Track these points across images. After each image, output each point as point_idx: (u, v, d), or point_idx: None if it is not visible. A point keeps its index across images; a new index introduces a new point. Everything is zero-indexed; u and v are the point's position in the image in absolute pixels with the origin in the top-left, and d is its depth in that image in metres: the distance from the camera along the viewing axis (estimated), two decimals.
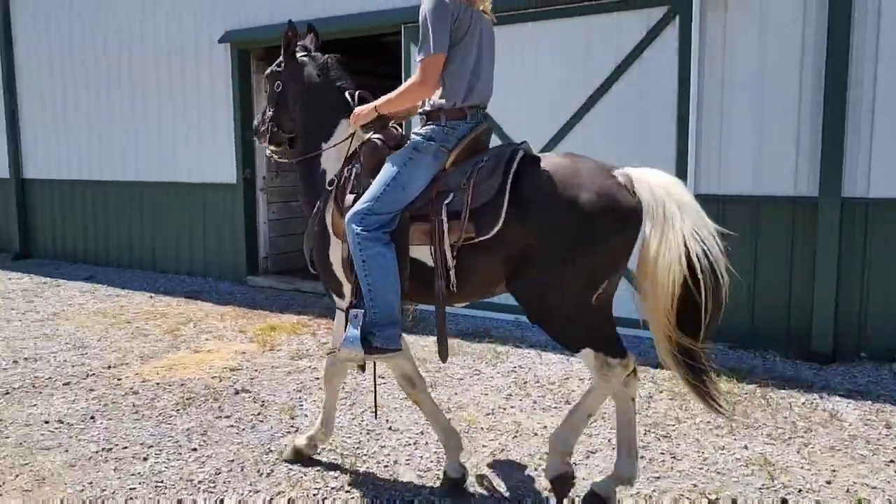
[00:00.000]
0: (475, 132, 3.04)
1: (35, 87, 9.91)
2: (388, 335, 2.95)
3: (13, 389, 4.66)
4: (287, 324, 6.24)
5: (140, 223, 9.03)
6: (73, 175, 9.64)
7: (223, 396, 4.51)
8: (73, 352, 5.52)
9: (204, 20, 8.08)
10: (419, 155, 2.97)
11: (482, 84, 3.03)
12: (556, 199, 2.73)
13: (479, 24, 2.97)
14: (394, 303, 2.94)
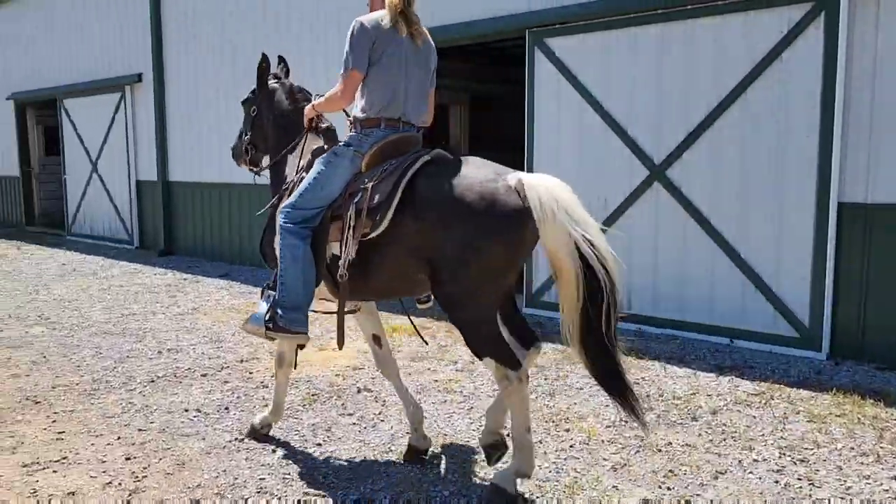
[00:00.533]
0: (388, 139, 3.35)
1: (178, 94, 10.64)
2: (292, 318, 3.33)
3: (157, 378, 5.01)
4: (407, 326, 6.35)
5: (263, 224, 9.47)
6: (212, 178, 10.27)
7: (346, 394, 4.64)
8: (210, 345, 5.86)
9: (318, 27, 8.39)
10: (337, 159, 3.38)
11: (402, 100, 3.36)
12: (445, 201, 2.95)
13: (401, 48, 3.33)
14: (300, 290, 3.30)
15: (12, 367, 5.31)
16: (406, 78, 3.38)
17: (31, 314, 7.01)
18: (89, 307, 7.32)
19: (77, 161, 12.93)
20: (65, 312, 7.08)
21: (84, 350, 5.72)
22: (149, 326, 6.48)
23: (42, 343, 5.94)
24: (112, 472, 3.53)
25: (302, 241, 3.31)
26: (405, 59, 3.37)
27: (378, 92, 3.34)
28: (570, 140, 6.45)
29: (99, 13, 12.01)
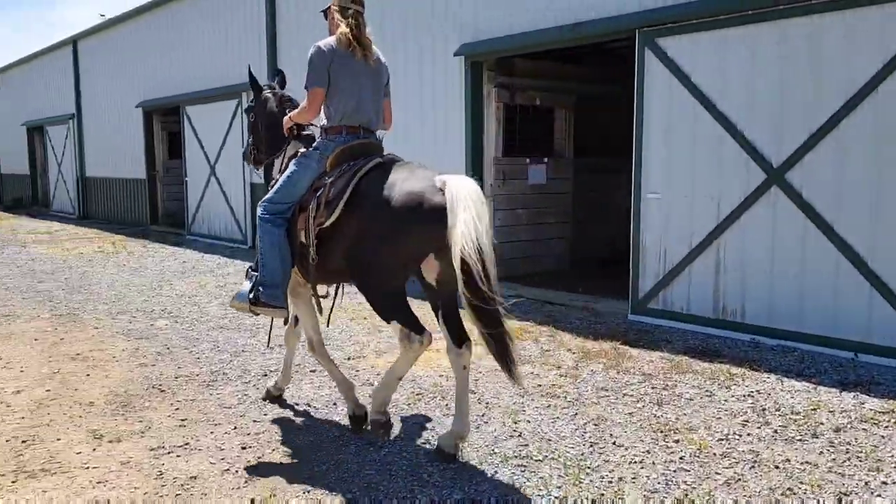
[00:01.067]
0: (348, 144, 3.93)
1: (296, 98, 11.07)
2: (270, 294, 3.92)
3: (269, 372, 5.22)
4: (510, 328, 6.33)
5: None
6: None
7: (450, 395, 4.67)
8: None
9: (440, 36, 8.50)
10: (307, 160, 4.00)
11: (360, 110, 3.98)
12: (379, 197, 3.53)
13: (355, 67, 3.94)
14: (277, 271, 3.91)
15: (140, 356, 5.68)
16: (361, 92, 3.98)
17: (156, 308, 7.48)
18: (207, 303, 7.72)
19: (197, 164, 13.70)
20: (185, 307, 7.50)
21: (203, 343, 6.05)
22: (261, 323, 6.77)
23: (166, 335, 6.32)
24: (229, 460, 3.71)
25: (278, 230, 3.94)
26: (360, 77, 3.97)
27: (339, 104, 3.96)
28: (682, 142, 6.25)
29: (218, 25, 12.68)
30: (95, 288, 8.59)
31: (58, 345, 6.04)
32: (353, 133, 4.00)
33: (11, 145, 25.18)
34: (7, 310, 7.43)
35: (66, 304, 7.69)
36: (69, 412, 4.43)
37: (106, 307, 7.54)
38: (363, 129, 4.03)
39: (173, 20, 14.22)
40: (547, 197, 9.06)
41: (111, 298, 7.98)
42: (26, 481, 3.50)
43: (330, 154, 3.95)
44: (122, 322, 6.86)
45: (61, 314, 7.21)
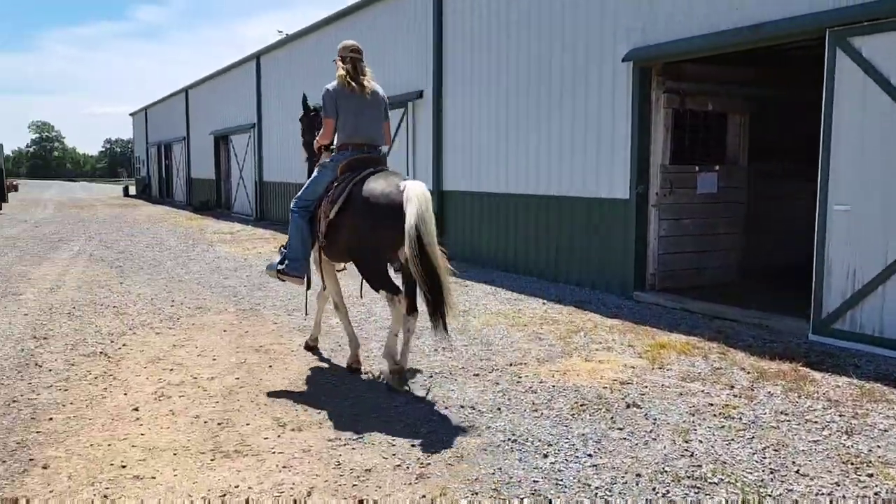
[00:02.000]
0: (353, 157, 5.31)
1: (455, 108, 11.35)
2: (292, 266, 5.41)
3: (435, 374, 5.38)
4: (676, 343, 6.12)
5: (535, 234, 9.71)
6: (480, 187, 10.79)
7: (615, 408, 4.58)
8: (481, 346, 6.16)
9: (609, 42, 8.37)
10: (325, 169, 5.40)
11: (360, 131, 5.39)
12: (362, 197, 4.95)
13: (355, 101, 5.36)
14: (299, 249, 5.40)
15: (317, 351, 6.04)
16: (359, 118, 5.39)
17: (328, 307, 7.91)
18: (372, 303, 8.06)
19: None
20: (353, 307, 7.87)
21: (371, 342, 6.33)
22: (424, 325, 6.97)
23: (337, 333, 6.68)
24: (401, 456, 3.86)
25: (301, 219, 5.42)
26: (358, 107, 5.40)
27: (343, 129, 5.41)
28: (877, 150, 5.73)
29: (385, 39, 13.25)
30: (272, 286, 9.23)
31: (243, 337, 6.57)
32: (358, 149, 5.38)
33: (201, 153, 27.81)
34: (200, 302, 8.18)
35: (249, 300, 8.33)
36: (256, 399, 4.80)
37: (283, 304, 8.09)
38: (367, 145, 5.42)
39: (348, 35, 15.03)
40: (717, 206, 8.64)
41: (286, 296, 8.54)
42: (222, 460, 3.84)
43: (339, 164, 5.36)
44: (298, 319, 7.32)
45: (244, 309, 7.82)
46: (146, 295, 8.68)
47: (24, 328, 6.89)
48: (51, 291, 8.91)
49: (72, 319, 7.29)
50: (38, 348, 6.15)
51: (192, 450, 3.96)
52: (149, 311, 7.75)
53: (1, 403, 4.74)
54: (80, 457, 3.89)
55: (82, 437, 4.15)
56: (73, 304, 8.10)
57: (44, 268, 11.03)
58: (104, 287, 9.24)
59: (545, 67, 9.38)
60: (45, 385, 5.12)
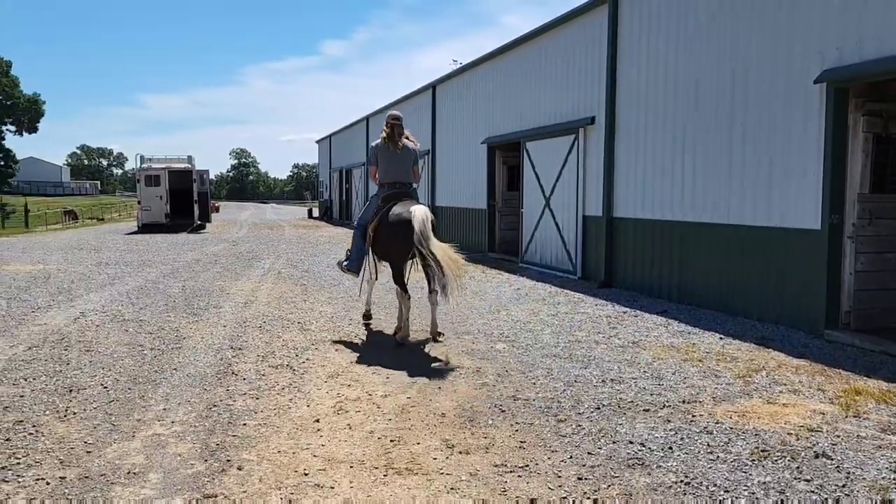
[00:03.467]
0: (389, 192, 7.68)
1: (627, 134, 11.13)
2: (351, 264, 7.92)
3: (602, 406, 5.27)
4: (875, 390, 5.56)
5: (712, 264, 9.25)
6: (653, 215, 10.46)
7: (801, 457, 4.25)
8: (651, 381, 5.95)
9: (798, 61, 7.86)
10: (373, 199, 7.89)
11: (390, 173, 7.77)
12: (387, 220, 7.32)
13: (389, 152, 7.81)
14: (356, 253, 7.93)
15: (482, 376, 6.15)
16: (391, 165, 7.80)
17: (495, 331, 8.03)
18: (540, 330, 8.07)
19: (532, 196, 14.48)
20: (521, 333, 7.94)
21: (538, 369, 6.34)
22: (593, 355, 6.88)
23: (504, 358, 6.76)
24: (567, 488, 3.83)
25: (359, 233, 7.94)
26: (391, 158, 7.79)
27: (381, 172, 7.81)
28: None
29: (558, 67, 13.31)
30: (442, 308, 9.50)
31: (416, 358, 6.82)
32: (391, 186, 7.77)
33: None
34: (375, 322, 8.60)
35: (420, 321, 8.64)
36: (426, 420, 4.96)
37: (452, 326, 8.31)
38: (399, 183, 7.78)
39: (518, 63, 15.29)
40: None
41: (456, 319, 8.76)
42: (394, 477, 4.01)
43: (381, 196, 7.79)
44: (466, 342, 7.49)
45: (416, 330, 8.11)
46: (327, 313, 9.26)
47: (223, 339, 7.61)
48: (245, 306, 9.77)
49: (262, 333, 7.94)
50: (234, 358, 6.76)
51: (366, 464, 4.18)
52: (329, 328, 8.27)
53: (204, 407, 5.27)
54: (269, 462, 4.23)
55: (271, 444, 4.51)
56: (263, 318, 8.83)
57: (240, 283, 12.12)
58: (290, 303, 9.99)
59: (726, 89, 8.97)
60: (240, 392, 5.63)
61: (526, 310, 9.45)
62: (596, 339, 7.63)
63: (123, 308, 9.58)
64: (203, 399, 5.47)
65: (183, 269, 14.55)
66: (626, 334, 7.84)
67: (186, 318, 8.88)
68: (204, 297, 10.58)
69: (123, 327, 8.26)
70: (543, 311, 9.38)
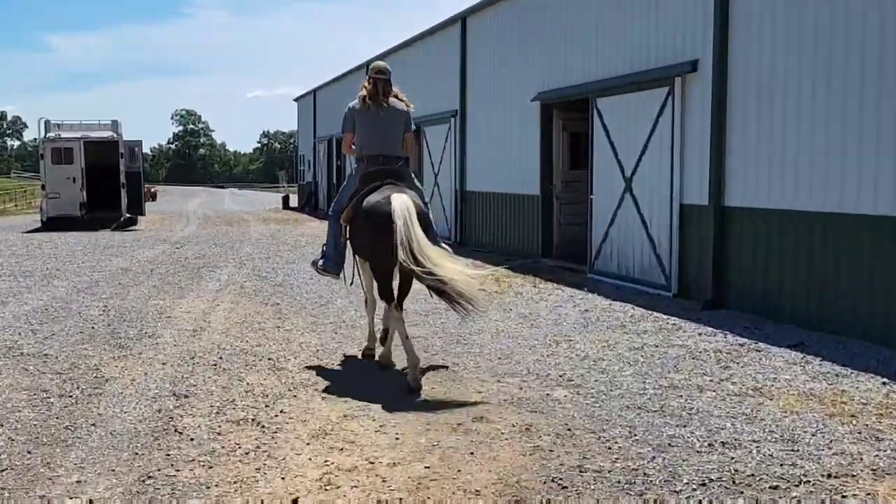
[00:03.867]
0: (368, 170, 8.33)
1: (746, 86, 11.06)
2: (326, 264, 8.93)
3: (710, 481, 5.26)
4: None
5: (871, 274, 9.16)
6: (788, 204, 10.40)
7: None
8: (782, 444, 5.94)
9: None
10: (350, 180, 8.78)
11: (373, 144, 8.46)
12: (362, 209, 7.99)
13: (371, 115, 8.47)
14: (332, 249, 8.89)
15: (533, 436, 6.18)
16: (374, 133, 8.45)
17: (552, 372, 8.05)
18: (618, 370, 8.08)
19: (607, 177, 14.50)
20: (590, 374, 7.95)
21: (615, 427, 6.35)
22: (695, 406, 6.86)
23: (566, 411, 6.77)
24: None
25: (334, 222, 8.72)
26: (373, 123, 8.43)
27: (359, 142, 8.53)
28: None
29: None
30: (477, 338, 9.55)
31: (436, 408, 6.86)
32: (373, 161, 8.41)
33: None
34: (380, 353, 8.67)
35: (444, 356, 8.68)
36: (451, 499, 4.99)
37: (490, 365, 8.34)
38: (383, 157, 8.42)
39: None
40: None
41: (496, 353, 8.80)
42: None
43: (357, 176, 8.52)
44: (511, 387, 7.52)
45: (439, 369, 8.15)
46: (310, 344, 9.37)
47: (162, 382, 7.72)
48: (193, 335, 9.92)
49: (218, 373, 8.05)
50: (178, 409, 6.86)
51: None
52: (314, 366, 8.37)
53: (135, 479, 5.35)
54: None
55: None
56: (219, 351, 8.95)
57: (186, 303, 12.31)
58: (258, 331, 10.12)
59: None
60: (185, 459, 5.70)
61: (597, 341, 9.48)
62: (700, 383, 7.62)
63: (21, 338, 9.77)
64: (133, 468, 5.54)
65: (105, 281, 14.79)
66: (744, 377, 7.82)
67: (110, 351, 9.03)
68: (135, 321, 10.76)
69: (21, 365, 8.42)
70: (622, 342, 9.40)
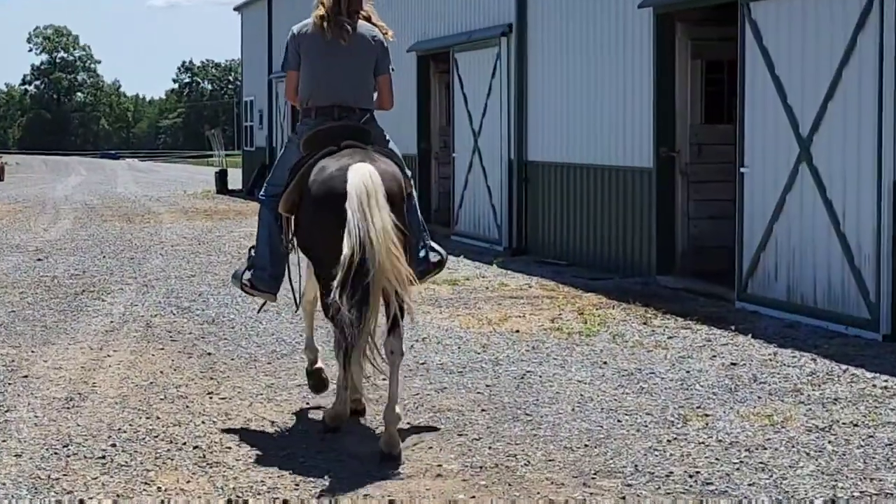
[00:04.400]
0: (319, 128, 8.92)
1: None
2: (258, 276, 9.37)
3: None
4: None
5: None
6: None
7: None
8: None
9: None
10: (290, 145, 9.65)
11: (329, 89, 8.97)
12: (309, 189, 8.57)
13: (327, 47, 8.88)
14: (265, 253, 9.36)
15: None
16: (329, 72, 8.81)
17: (676, 469, 7.84)
18: (790, 467, 7.85)
19: (770, 134, 14.71)
20: (741, 473, 7.75)
21: None
22: None
23: None
24: None
25: (270, 213, 9.23)
26: (328, 57, 8.78)
27: (305, 85, 8.98)
28: None
29: None
30: (548, 412, 9.39)
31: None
32: (325, 114, 8.88)
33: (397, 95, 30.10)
34: (372, 444, 8.43)
35: (494, 439, 8.47)
36: None
37: (571, 457, 8.15)
38: (337, 108, 8.86)
39: None
40: None
41: (580, 438, 8.66)
42: None
43: (301, 138, 8.95)
44: (608, 496, 7.37)
45: (482, 465, 7.91)
46: (263, 423, 9.29)
47: (15, 487, 7.56)
48: (67, 407, 9.80)
49: (109, 472, 7.91)
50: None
51: None
52: (270, 457, 8.24)
53: None
54: None
55: None
56: (111, 435, 8.85)
57: (54, 352, 12.26)
58: (176, 401, 10.05)
59: None
60: None
61: (752, 417, 9.45)
62: None
63: None
64: None
65: None
66: None
67: None
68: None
69: None
70: (796, 419, 9.36)
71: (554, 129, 20.63)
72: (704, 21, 16.40)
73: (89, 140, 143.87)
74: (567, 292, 16.62)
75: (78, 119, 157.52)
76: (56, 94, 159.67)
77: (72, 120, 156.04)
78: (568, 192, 19.94)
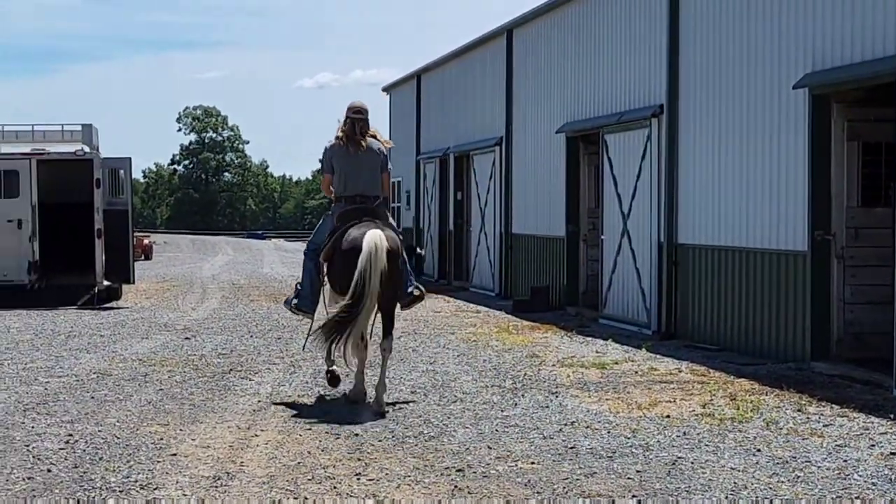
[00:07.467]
0: (345, 209, 16.01)
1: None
2: (300, 303, 16.86)
3: None
4: None
5: None
6: None
7: None
8: None
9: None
10: (327, 218, 17.29)
11: (352, 184, 16.07)
12: (341, 247, 15.50)
13: (346, 156, 16.04)
14: (307, 286, 16.83)
15: None
16: (351, 173, 15.70)
17: None
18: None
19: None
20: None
21: None
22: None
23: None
24: None
25: (311, 262, 16.62)
26: (350, 164, 15.72)
27: (337, 183, 16.20)
28: None
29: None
30: (699, 500, 9.23)
31: None
32: (350, 201, 15.19)
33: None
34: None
35: None
36: None
37: None
38: (360, 197, 15.13)
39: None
40: None
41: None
42: None
43: (335, 215, 15.46)
44: None
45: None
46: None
47: None
48: (214, 486, 9.88)
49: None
50: None
51: None
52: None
53: None
54: None
55: None
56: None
57: (202, 431, 12.44)
58: (325, 482, 10.06)
59: None
60: None
61: None
62: None
63: None
64: None
65: (69, 393, 15.19)
66: None
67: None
68: (119, 462, 10.81)
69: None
70: None
71: (705, 211, 20.65)
72: (861, 102, 16.31)
73: (236, 220, 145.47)
74: (718, 377, 16.55)
75: (225, 199, 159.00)
76: (204, 173, 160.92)
77: (219, 200, 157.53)
78: (719, 275, 19.93)
